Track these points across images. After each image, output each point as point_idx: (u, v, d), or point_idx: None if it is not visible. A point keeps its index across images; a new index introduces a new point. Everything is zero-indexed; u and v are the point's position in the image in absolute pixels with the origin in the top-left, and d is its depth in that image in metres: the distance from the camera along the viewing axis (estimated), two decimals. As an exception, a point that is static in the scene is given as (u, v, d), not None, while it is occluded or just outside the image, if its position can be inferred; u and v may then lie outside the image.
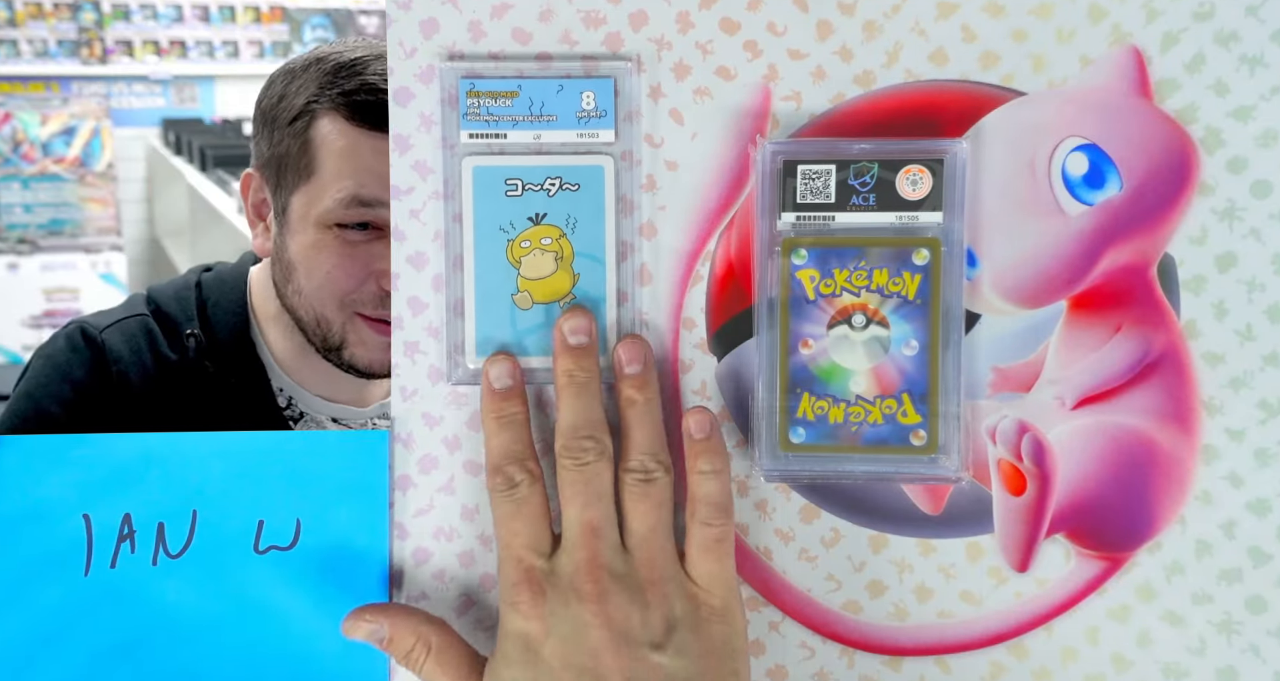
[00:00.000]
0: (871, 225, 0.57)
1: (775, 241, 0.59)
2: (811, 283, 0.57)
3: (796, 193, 0.57)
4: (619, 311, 0.62)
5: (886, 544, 0.63)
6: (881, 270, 0.56)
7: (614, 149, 0.61)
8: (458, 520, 0.64)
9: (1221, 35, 0.60)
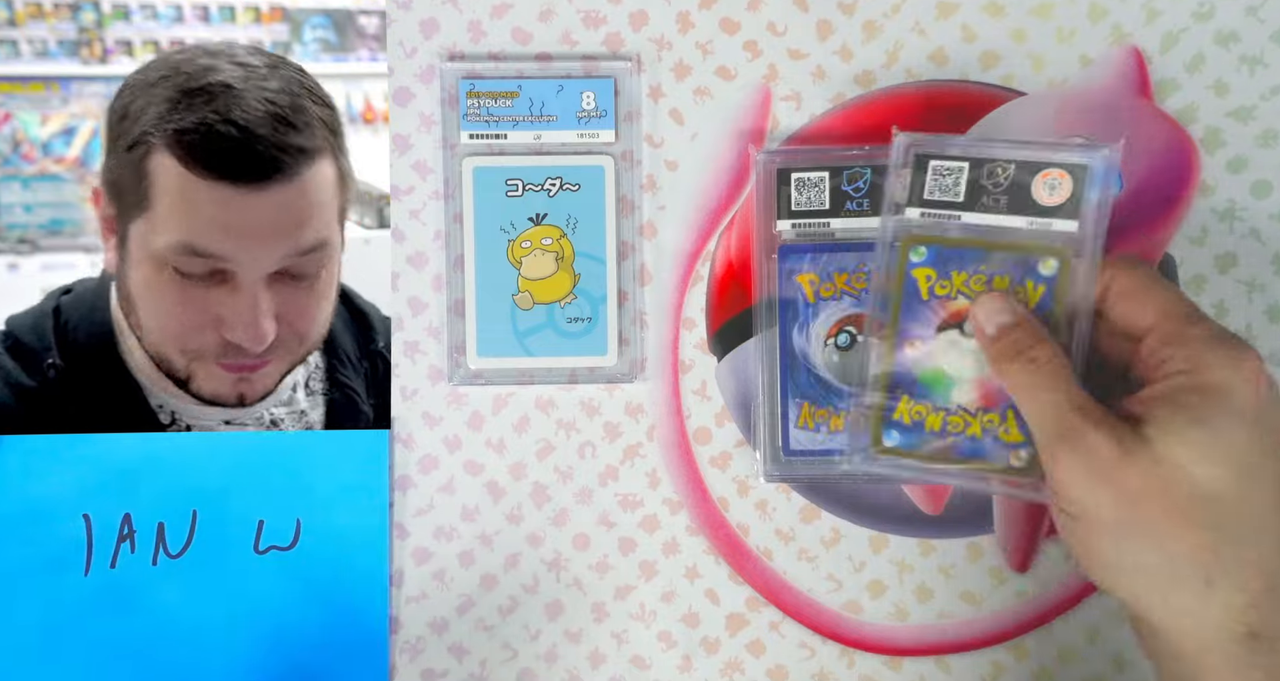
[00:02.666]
0: (1000, 226, 0.53)
1: (773, 245, 0.59)
2: (928, 282, 0.54)
3: (925, 187, 0.54)
4: (619, 311, 0.62)
5: (887, 544, 0.63)
6: (1003, 277, 0.52)
7: (614, 149, 0.61)
8: (458, 520, 0.64)
9: (1221, 35, 0.60)
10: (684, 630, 0.64)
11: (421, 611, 0.64)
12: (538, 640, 0.64)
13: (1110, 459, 0.44)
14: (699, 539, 0.64)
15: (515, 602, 0.64)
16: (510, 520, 0.64)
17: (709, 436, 0.63)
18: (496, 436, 0.63)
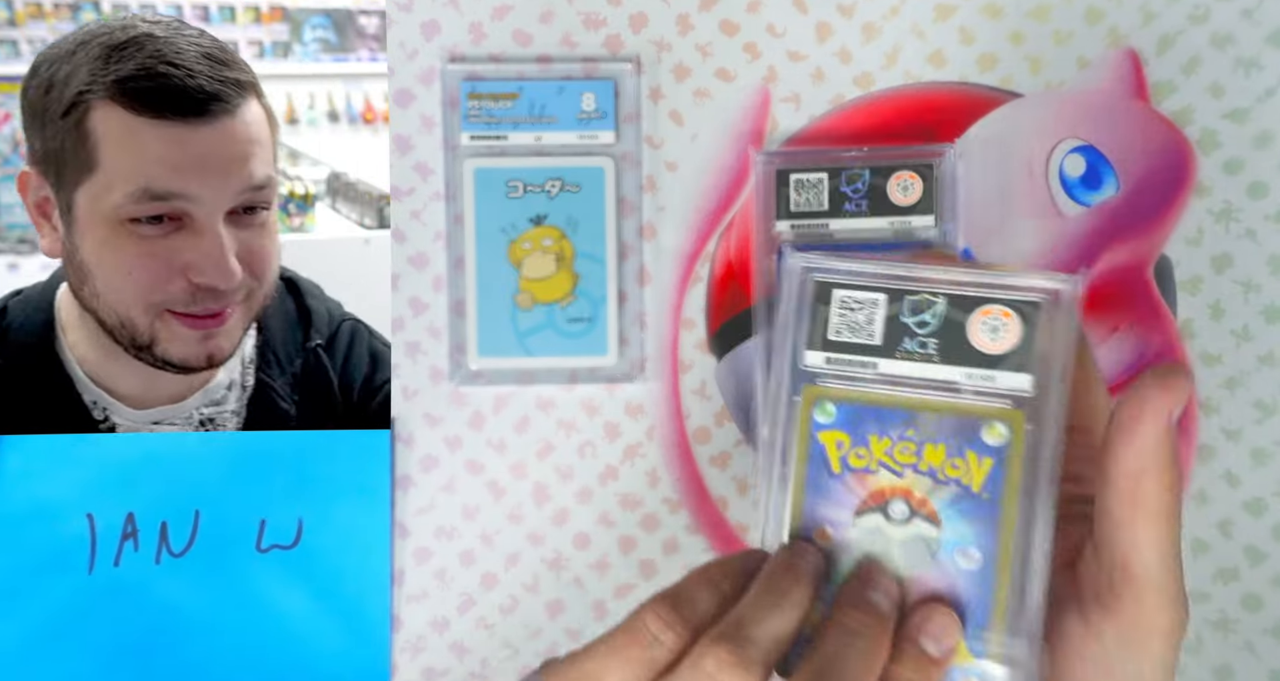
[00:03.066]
0: (930, 378, 0.41)
1: (772, 245, 0.59)
2: (838, 449, 0.41)
3: (830, 324, 0.42)
4: (619, 311, 0.62)
5: (885, 543, 0.63)
6: (937, 446, 0.41)
7: (614, 150, 0.62)
8: (459, 519, 0.64)
9: (1217, 37, 0.61)
10: (683, 628, 0.64)
11: (422, 610, 0.64)
12: (538, 638, 0.64)
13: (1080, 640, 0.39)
14: (699, 538, 0.64)
15: (516, 601, 0.64)
16: (511, 519, 0.64)
17: (709, 436, 0.63)
18: (497, 436, 0.63)
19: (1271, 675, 0.62)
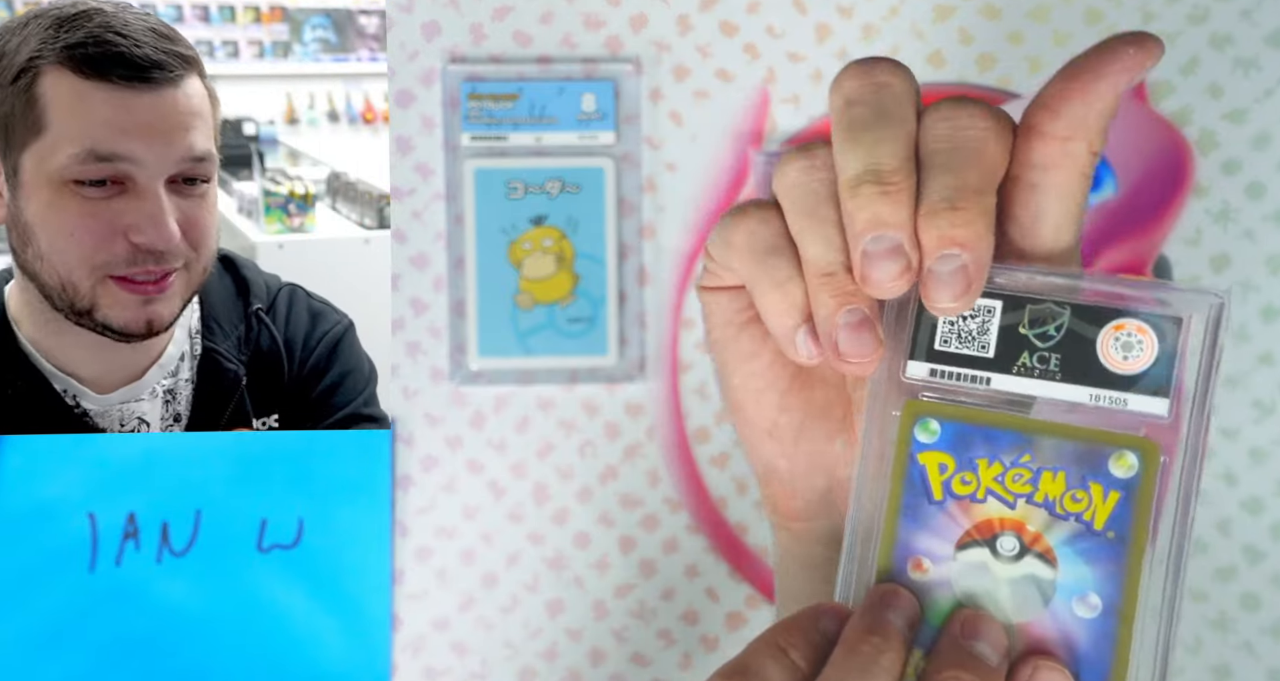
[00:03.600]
0: (1051, 398, 0.36)
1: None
2: (941, 473, 0.37)
3: (935, 331, 0.37)
4: (619, 311, 0.62)
5: (884, 542, 0.63)
6: (1056, 474, 0.36)
7: (614, 151, 0.62)
8: (459, 518, 0.64)
9: (1216, 38, 0.61)
10: (684, 628, 0.64)
11: (423, 609, 0.64)
12: (538, 638, 0.64)
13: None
14: (699, 537, 0.64)
15: (516, 600, 0.64)
16: (511, 519, 0.64)
17: (709, 436, 0.64)
18: (497, 436, 0.64)
19: (1270, 674, 0.63)
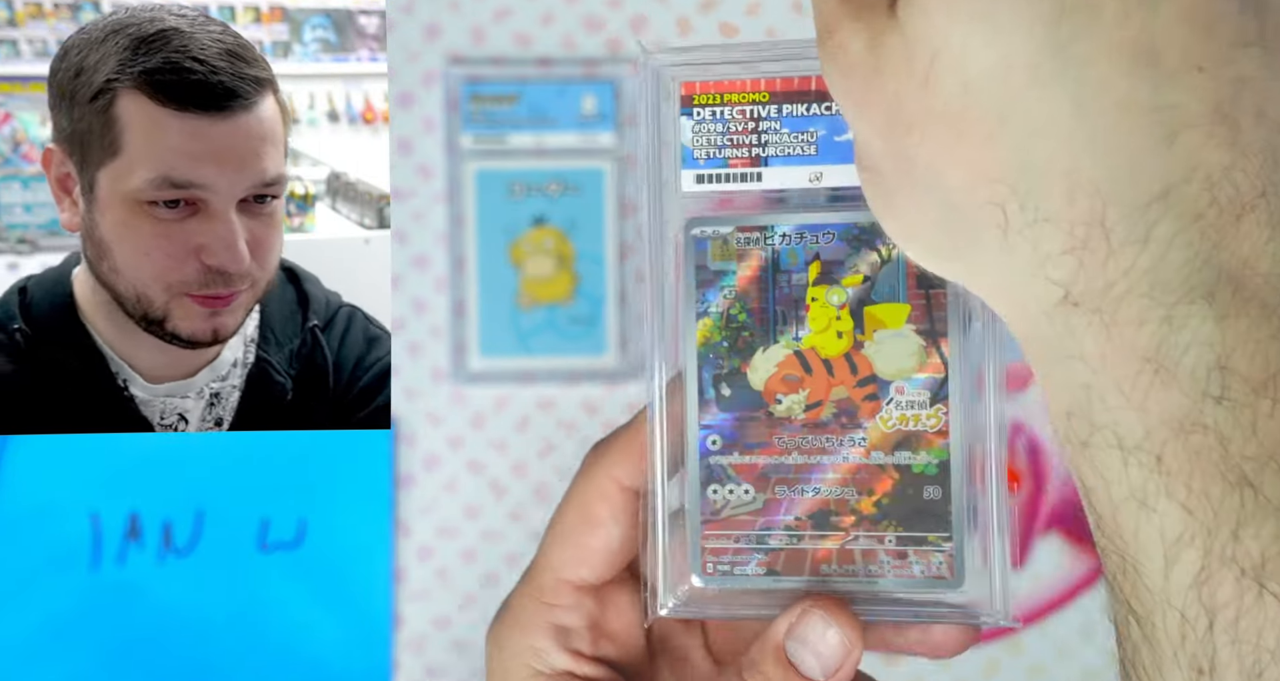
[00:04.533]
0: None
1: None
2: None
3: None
4: (619, 311, 0.63)
5: (883, 541, 0.64)
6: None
7: (615, 152, 0.62)
8: (460, 518, 0.64)
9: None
10: (683, 626, 0.64)
11: (424, 608, 0.64)
12: (539, 636, 0.65)
13: (859, 56, 0.30)
14: (698, 536, 0.64)
15: (517, 599, 0.64)
16: (512, 518, 0.64)
17: (708, 435, 0.64)
18: (498, 435, 0.64)
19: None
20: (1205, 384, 0.26)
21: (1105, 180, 0.27)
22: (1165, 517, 0.26)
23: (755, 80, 0.35)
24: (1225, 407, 0.26)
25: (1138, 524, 0.27)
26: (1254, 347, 0.26)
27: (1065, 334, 0.28)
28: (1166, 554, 0.26)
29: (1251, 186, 0.27)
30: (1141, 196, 0.27)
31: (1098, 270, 0.27)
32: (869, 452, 0.35)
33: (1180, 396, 0.26)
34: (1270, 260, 0.27)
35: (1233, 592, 0.26)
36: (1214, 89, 0.27)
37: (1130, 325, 0.27)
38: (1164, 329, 0.26)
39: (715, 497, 0.36)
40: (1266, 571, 0.25)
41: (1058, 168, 0.27)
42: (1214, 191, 0.27)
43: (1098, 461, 0.27)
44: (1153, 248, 0.27)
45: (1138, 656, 0.28)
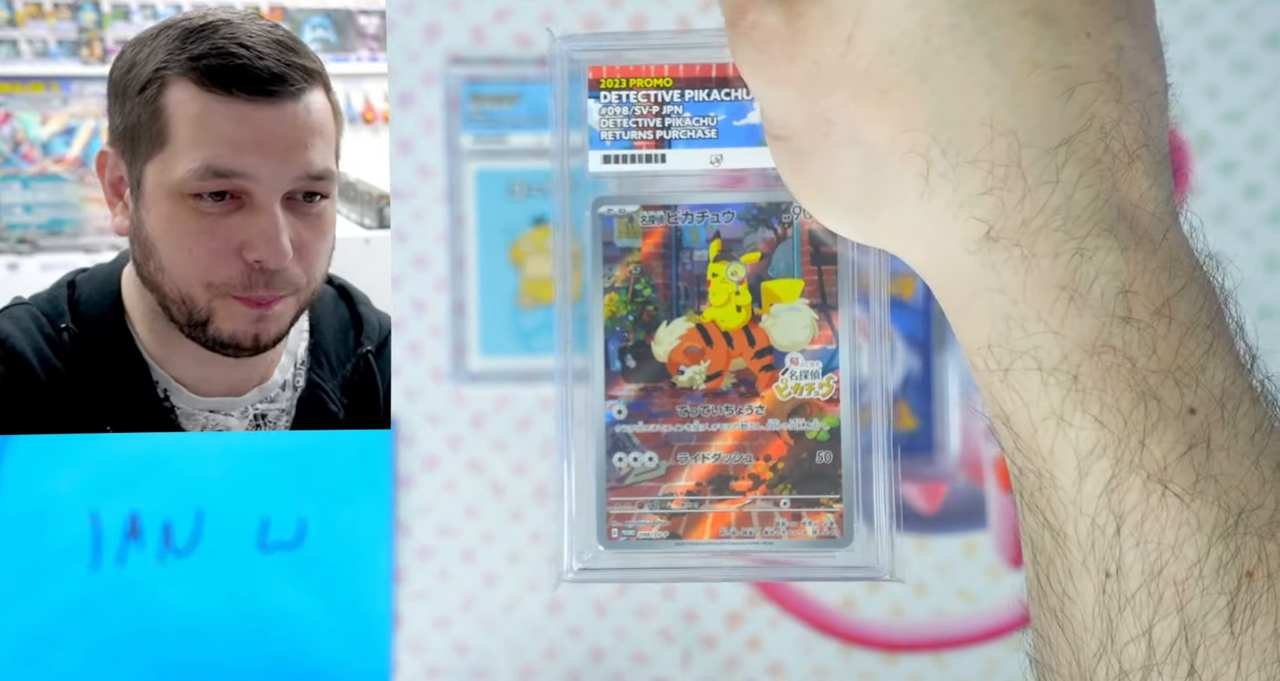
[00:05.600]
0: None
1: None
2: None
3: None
4: (619, 312, 0.63)
5: (883, 541, 0.64)
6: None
7: (614, 152, 0.62)
8: (460, 518, 0.64)
9: (1213, 40, 0.61)
10: (683, 627, 0.64)
11: (424, 608, 0.64)
12: (539, 636, 0.65)
13: (775, 29, 0.32)
14: (698, 536, 0.64)
15: (517, 600, 0.64)
16: (512, 518, 0.64)
17: (708, 435, 0.64)
18: (498, 435, 0.64)
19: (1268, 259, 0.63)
20: (1114, 307, 0.29)
21: (1020, 127, 0.30)
22: (1080, 431, 0.29)
23: (660, 66, 0.37)
24: (1131, 328, 0.29)
25: (1054, 440, 0.29)
26: (1150, 277, 0.30)
27: (986, 268, 0.30)
28: (1080, 466, 0.29)
29: (1135, 139, 0.30)
30: (1050, 141, 0.30)
31: (1015, 207, 0.30)
32: (765, 420, 0.37)
33: (1092, 319, 0.29)
34: (1153, 202, 0.31)
35: (1139, 496, 0.28)
36: (1099, 53, 0.30)
37: (1046, 257, 0.29)
38: (1076, 259, 0.29)
39: (620, 465, 0.37)
40: (1168, 474, 0.28)
41: (977, 116, 0.30)
42: (1107, 140, 0.30)
43: (1018, 385, 0.30)
44: (1063, 187, 0.30)
45: (1051, 568, 0.30)
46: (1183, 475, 0.28)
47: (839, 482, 0.37)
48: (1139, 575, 0.28)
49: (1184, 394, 0.29)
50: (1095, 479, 0.29)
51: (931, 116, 0.30)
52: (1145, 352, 0.29)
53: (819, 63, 0.31)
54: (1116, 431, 0.28)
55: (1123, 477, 0.28)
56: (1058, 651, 0.30)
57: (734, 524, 0.37)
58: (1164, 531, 0.28)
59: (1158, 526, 0.28)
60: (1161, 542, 0.28)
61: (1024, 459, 0.30)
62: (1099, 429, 0.29)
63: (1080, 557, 0.29)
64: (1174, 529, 0.28)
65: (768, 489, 0.37)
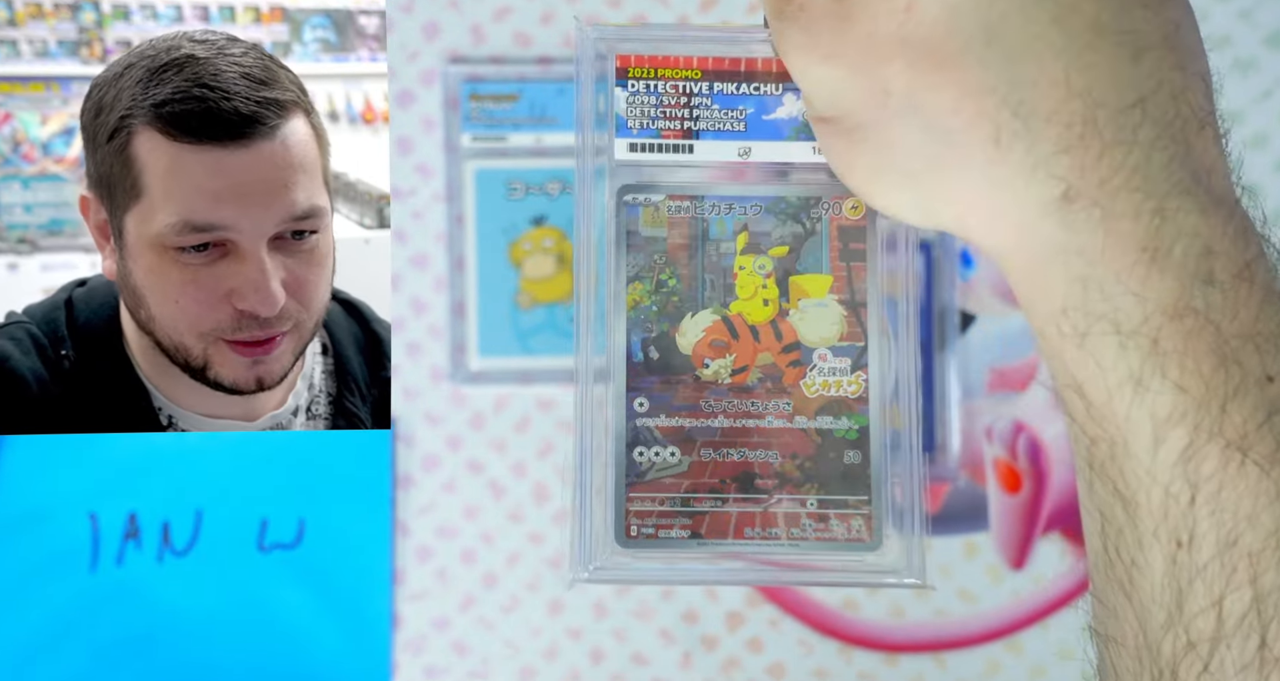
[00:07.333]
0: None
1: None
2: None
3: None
4: (619, 312, 0.63)
5: (884, 541, 0.64)
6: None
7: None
8: (459, 518, 0.64)
9: (1214, 39, 0.61)
10: (684, 627, 0.64)
11: (424, 609, 0.64)
12: (539, 637, 0.64)
13: (823, 8, 0.32)
14: (698, 537, 0.64)
15: (516, 600, 0.64)
16: (511, 519, 0.64)
17: (708, 435, 0.64)
18: (498, 436, 0.64)
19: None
20: (1196, 269, 0.28)
21: (1093, 86, 0.29)
22: (1159, 396, 0.28)
23: (689, 57, 0.37)
24: (1215, 290, 0.28)
25: (1130, 406, 0.29)
26: (1230, 240, 0.29)
27: (1063, 229, 0.29)
28: (1156, 432, 0.28)
29: (1201, 107, 0.30)
30: (1124, 101, 0.29)
31: (1093, 166, 0.29)
32: (793, 417, 0.36)
33: (1174, 281, 0.28)
34: (1223, 171, 0.31)
35: (1217, 464, 0.28)
36: (1160, 23, 0.30)
37: (1126, 217, 0.29)
38: (1157, 220, 0.29)
39: (641, 460, 0.36)
40: (1248, 441, 0.28)
41: (1048, 76, 0.29)
42: (1178, 104, 0.30)
43: (1094, 350, 0.29)
44: (1140, 147, 0.29)
45: (1121, 538, 0.30)
46: (1263, 443, 0.28)
47: (868, 484, 0.36)
48: (1212, 545, 0.28)
49: (1264, 360, 0.28)
50: (1171, 446, 0.28)
51: (1000, 79, 0.30)
52: (1228, 316, 0.28)
53: (873, 35, 0.31)
54: (1197, 397, 0.28)
55: (1200, 445, 0.28)
56: (1123, 622, 0.30)
57: (758, 524, 0.36)
58: (1240, 500, 0.28)
59: (1234, 495, 0.28)
60: (1238, 512, 0.28)
61: (1096, 427, 0.30)
62: (1178, 394, 0.28)
63: (1151, 527, 0.29)
64: (1251, 498, 0.28)
65: (794, 488, 0.36)
